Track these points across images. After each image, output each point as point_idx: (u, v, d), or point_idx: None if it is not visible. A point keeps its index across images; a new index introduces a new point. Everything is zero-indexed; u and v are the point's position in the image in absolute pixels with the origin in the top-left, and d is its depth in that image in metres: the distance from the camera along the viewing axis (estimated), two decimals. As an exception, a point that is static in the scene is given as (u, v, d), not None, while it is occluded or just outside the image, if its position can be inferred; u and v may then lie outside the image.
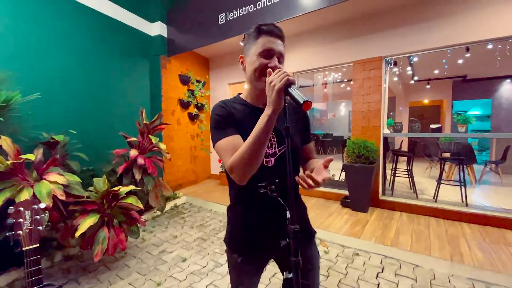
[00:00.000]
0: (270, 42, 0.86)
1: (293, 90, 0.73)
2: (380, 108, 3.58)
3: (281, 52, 0.88)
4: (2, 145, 1.71)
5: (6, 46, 2.44)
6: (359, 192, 3.43)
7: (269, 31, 0.86)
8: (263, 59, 0.86)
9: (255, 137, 0.78)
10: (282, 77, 0.75)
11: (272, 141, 0.95)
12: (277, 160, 0.95)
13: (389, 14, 3.41)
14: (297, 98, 0.70)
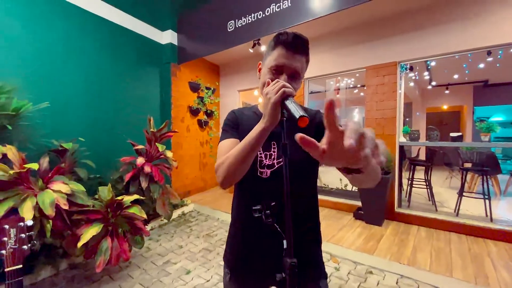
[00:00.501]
0: (284, 57, 0.77)
1: (290, 103, 0.66)
2: (395, 116, 3.41)
3: (297, 69, 0.78)
4: (7, 154, 1.72)
5: (18, 56, 2.50)
6: (373, 204, 3.25)
7: (287, 42, 0.77)
8: (272, 73, 0.79)
9: (243, 147, 0.74)
10: (278, 88, 0.68)
11: (272, 151, 0.88)
12: (274, 173, 0.87)
13: (404, 18, 3.27)
14: (292, 113, 0.62)
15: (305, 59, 0.81)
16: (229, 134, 0.89)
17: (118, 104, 3.45)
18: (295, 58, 0.77)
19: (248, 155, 0.74)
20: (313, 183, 0.97)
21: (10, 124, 2.07)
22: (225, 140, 0.87)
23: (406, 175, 4.72)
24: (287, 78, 0.77)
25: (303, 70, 0.82)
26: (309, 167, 0.95)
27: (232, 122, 0.93)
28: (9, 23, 2.43)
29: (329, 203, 4.01)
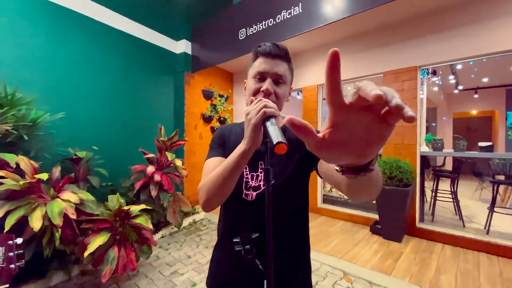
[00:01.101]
0: (265, 63, 0.76)
1: (270, 125, 0.59)
2: (415, 124, 3.20)
3: (278, 72, 0.76)
4: (20, 164, 1.78)
5: (38, 68, 2.63)
6: (392, 217, 3.04)
7: (265, 51, 0.77)
8: (257, 81, 0.77)
9: (223, 169, 0.69)
10: (258, 109, 0.62)
11: (259, 172, 0.83)
12: (260, 196, 0.81)
13: (425, 19, 3.08)
14: (271, 137, 0.56)
15: (287, 65, 0.80)
16: (214, 152, 0.86)
17: (132, 113, 3.53)
18: (276, 62, 0.77)
19: (228, 178, 0.69)
20: (304, 205, 0.90)
21: (27, 134, 2.16)
22: (210, 159, 0.84)
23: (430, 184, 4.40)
24: (271, 82, 0.76)
25: (287, 75, 0.80)
26: (299, 188, 0.88)
27: (219, 139, 0.90)
28: (31, 39, 2.57)
29: (344, 215, 3.82)
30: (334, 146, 0.32)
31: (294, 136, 0.88)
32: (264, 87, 0.74)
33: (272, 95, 0.75)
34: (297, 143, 0.88)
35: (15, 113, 2.11)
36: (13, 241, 0.89)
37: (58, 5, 2.75)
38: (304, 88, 4.30)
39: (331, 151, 0.33)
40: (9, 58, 2.39)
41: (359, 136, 0.30)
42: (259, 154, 0.83)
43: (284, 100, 0.81)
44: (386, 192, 3.00)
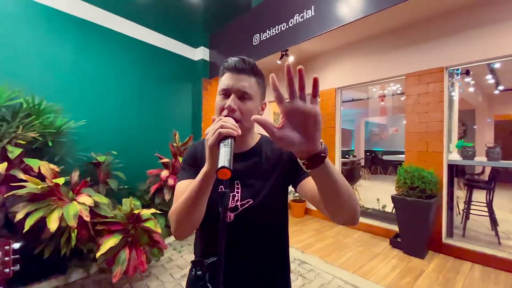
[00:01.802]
0: (229, 79, 0.74)
1: (223, 147, 0.57)
2: (442, 129, 2.93)
3: (243, 89, 0.73)
4: (41, 169, 1.94)
5: (63, 78, 2.84)
6: (413, 231, 2.81)
7: (230, 66, 0.76)
8: (221, 98, 0.75)
9: (188, 195, 0.67)
10: (215, 129, 0.60)
11: (236, 192, 0.79)
12: (238, 217, 0.78)
13: (451, 17, 2.82)
14: (218, 159, 0.54)
15: (254, 79, 0.77)
16: (184, 174, 0.83)
17: (150, 119, 3.69)
18: (240, 78, 0.75)
19: (195, 204, 0.67)
20: (282, 224, 0.87)
21: (52, 140, 2.35)
22: (181, 182, 0.81)
23: (463, 193, 4.00)
24: (235, 98, 0.73)
25: (254, 90, 0.76)
26: (277, 206, 0.84)
27: (190, 158, 0.86)
28: (58, 52, 2.80)
29: (363, 226, 3.62)
30: (289, 132, 0.48)
31: (273, 155, 0.85)
32: (227, 104, 0.72)
33: (236, 112, 0.72)
34: (276, 161, 0.84)
35: (42, 121, 2.31)
36: (9, 246, 0.96)
37: (82, 19, 2.98)
38: (321, 92, 4.17)
39: (287, 136, 0.48)
40: (37, 70, 2.63)
41: (300, 122, 0.47)
42: (234, 173, 0.80)
43: (252, 114, 0.76)
44: (406, 204, 2.79)
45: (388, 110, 9.14)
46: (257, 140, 0.88)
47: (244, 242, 0.79)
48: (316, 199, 0.68)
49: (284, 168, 0.83)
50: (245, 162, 0.82)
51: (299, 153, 0.52)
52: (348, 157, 8.18)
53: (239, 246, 0.79)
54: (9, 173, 1.90)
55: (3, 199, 1.85)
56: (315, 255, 2.87)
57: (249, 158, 0.83)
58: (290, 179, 0.83)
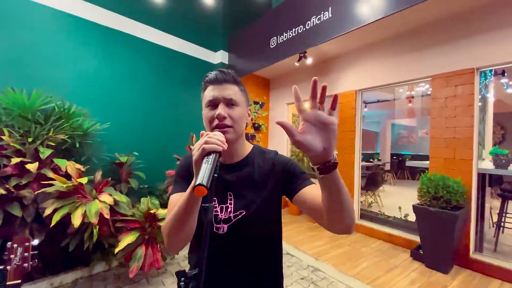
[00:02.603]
0: (214, 90, 0.77)
1: (204, 163, 0.58)
2: (471, 135, 2.71)
3: (228, 96, 0.76)
4: (68, 169, 2.10)
5: (90, 84, 3.06)
6: (437, 243, 2.63)
7: (212, 79, 0.78)
8: (210, 110, 0.77)
9: (178, 211, 0.67)
10: (200, 145, 0.62)
11: (228, 203, 0.80)
12: (231, 228, 0.79)
13: (483, 14, 2.60)
14: (197, 176, 0.55)
15: (237, 88, 0.79)
16: (178, 187, 0.82)
17: (169, 122, 3.84)
18: (224, 87, 0.77)
19: (184, 219, 0.67)
20: (276, 232, 0.87)
21: (80, 142, 2.54)
22: (173, 195, 0.81)
23: (497, 202, 3.67)
24: (224, 106, 0.75)
25: (239, 97, 0.78)
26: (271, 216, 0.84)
27: (183, 171, 0.85)
28: (86, 59, 3.03)
29: (382, 235, 3.46)
30: (308, 137, 0.52)
31: (266, 165, 0.85)
32: (217, 113, 0.74)
33: (227, 119, 0.74)
34: (269, 171, 0.84)
35: (71, 123, 2.50)
36: (29, 243, 1.05)
37: (106, 27, 3.19)
38: (341, 94, 4.06)
39: (306, 141, 0.52)
40: (67, 77, 2.87)
41: (319, 129, 0.53)
42: (227, 184, 0.81)
43: (242, 121, 0.79)
44: (429, 214, 2.62)
45: (416, 112, 8.63)
46: (249, 150, 0.88)
47: (237, 253, 0.80)
48: (315, 207, 0.70)
49: (277, 178, 0.83)
50: (237, 173, 0.83)
51: (315, 158, 0.55)
52: (372, 160, 7.85)
53: (232, 257, 0.80)
54: (40, 172, 2.08)
55: (35, 195, 2.03)
56: (329, 262, 2.79)
57: (242, 168, 0.84)
58: (286, 189, 0.83)
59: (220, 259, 0.79)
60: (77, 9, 2.96)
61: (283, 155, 0.91)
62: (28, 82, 2.56)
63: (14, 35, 2.58)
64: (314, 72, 4.52)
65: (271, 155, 0.88)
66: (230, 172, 0.82)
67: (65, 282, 2.47)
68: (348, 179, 3.90)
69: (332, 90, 4.22)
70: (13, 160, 1.93)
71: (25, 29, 2.64)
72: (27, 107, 2.30)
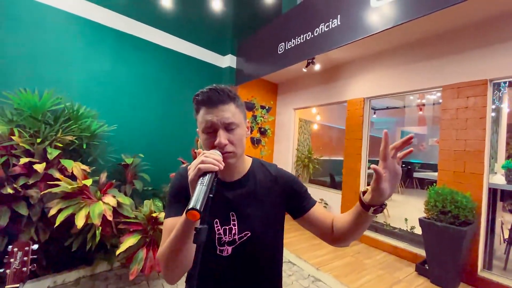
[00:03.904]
0: (209, 114, 0.71)
1: (199, 184, 0.56)
2: (483, 149, 2.63)
3: (227, 120, 0.71)
4: (73, 170, 2.14)
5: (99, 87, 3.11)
6: (443, 259, 2.55)
7: (205, 101, 0.72)
8: (208, 136, 0.73)
9: (175, 234, 0.63)
10: (196, 163, 0.60)
11: (232, 224, 0.78)
12: (236, 250, 0.77)
13: (497, 25, 2.53)
14: (191, 199, 0.53)
15: (233, 105, 0.74)
16: (171, 210, 0.76)
17: (176, 124, 3.87)
18: (220, 109, 0.71)
19: (181, 247, 0.63)
20: (279, 247, 0.86)
21: (87, 143, 2.59)
22: (167, 220, 0.75)
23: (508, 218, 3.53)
24: (224, 133, 0.71)
25: (237, 116, 0.74)
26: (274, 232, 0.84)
27: (176, 190, 0.80)
28: (96, 62, 3.09)
29: (387, 247, 3.38)
30: (386, 184, 0.60)
31: (267, 179, 0.84)
32: (217, 142, 0.69)
33: (228, 145, 0.71)
34: (271, 186, 0.84)
35: (80, 125, 2.55)
36: (29, 247, 1.07)
37: (118, 31, 3.25)
38: (348, 101, 4.01)
39: (386, 187, 0.60)
40: (78, 78, 2.93)
41: (392, 177, 0.61)
42: (228, 202, 0.79)
43: (243, 141, 0.77)
44: (436, 229, 2.54)
45: (427, 120, 8.45)
46: (249, 164, 0.86)
47: (241, 273, 0.78)
48: (324, 225, 0.81)
49: (280, 194, 0.83)
50: (239, 190, 0.81)
51: (379, 200, 0.62)
52: (380, 168, 7.72)
53: (236, 277, 0.78)
54: (47, 172, 2.13)
55: (41, 195, 2.07)
56: (331, 273, 2.74)
57: (244, 185, 0.82)
58: (290, 207, 0.85)
59: (224, 280, 0.78)
60: (90, 13, 3.04)
61: (282, 169, 0.91)
62: (40, 82, 2.63)
63: (28, 37, 2.66)
64: (322, 78, 4.48)
65: (272, 169, 0.88)
66: (231, 190, 0.80)
67: (68, 281, 2.51)
68: (353, 187, 3.84)
69: (340, 97, 4.18)
70: (21, 160, 1.98)
71: (39, 31, 2.71)
72: (38, 108, 2.36)
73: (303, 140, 5.98)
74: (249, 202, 0.80)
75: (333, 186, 5.19)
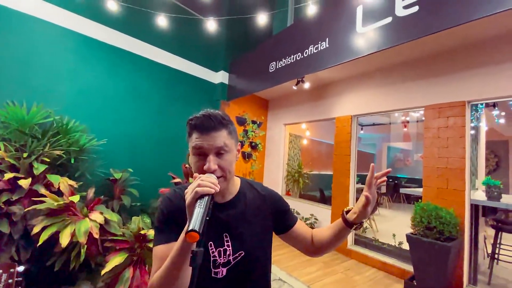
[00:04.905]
0: (200, 139, 0.74)
1: (198, 207, 0.59)
2: (463, 167, 2.75)
3: (218, 146, 0.74)
4: (60, 186, 2.09)
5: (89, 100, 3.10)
6: (430, 275, 2.59)
7: (198, 126, 0.75)
8: (198, 159, 0.75)
9: (172, 260, 0.64)
10: (193, 187, 0.62)
11: (226, 246, 0.79)
12: (230, 271, 0.78)
13: (475, 50, 2.74)
14: (190, 221, 0.56)
15: (225, 132, 0.77)
16: (162, 237, 0.75)
17: (167, 139, 3.86)
18: (212, 136, 0.74)
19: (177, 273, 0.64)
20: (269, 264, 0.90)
21: (75, 157, 2.54)
22: (158, 247, 0.73)
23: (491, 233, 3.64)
24: (213, 158, 0.73)
25: (228, 142, 0.76)
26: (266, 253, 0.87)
27: (167, 216, 0.78)
28: (88, 76, 3.10)
29: (376, 263, 3.40)
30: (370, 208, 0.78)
31: (255, 198, 0.88)
32: (206, 167, 0.72)
33: (217, 170, 0.73)
34: (260, 205, 0.88)
35: (68, 139, 2.51)
36: (14, 269, 1.04)
37: (109, 45, 3.29)
38: (337, 118, 4.14)
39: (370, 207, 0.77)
40: (69, 92, 2.92)
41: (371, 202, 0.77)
42: (222, 224, 0.80)
43: (233, 165, 0.79)
44: (422, 244, 2.60)
45: (411, 136, 8.76)
46: (238, 185, 0.90)
47: None
48: (305, 240, 0.92)
49: (269, 213, 0.88)
50: (231, 210, 0.83)
51: (361, 218, 0.80)
52: (368, 183, 7.87)
53: None
54: (32, 188, 2.07)
55: (24, 212, 2.00)
56: (321, 291, 2.73)
57: (234, 206, 0.84)
58: (277, 224, 0.90)
59: None
60: (82, 27, 3.07)
61: (268, 187, 0.96)
62: (29, 95, 2.60)
63: (18, 50, 2.65)
64: (311, 96, 4.63)
65: (259, 188, 0.93)
66: (223, 211, 0.82)
67: (48, 303, 2.38)
68: (343, 202, 3.89)
69: (328, 114, 4.31)
70: (6, 175, 1.92)
71: (29, 44, 2.71)
72: (26, 121, 2.32)
73: (293, 154, 6.05)
74: (240, 221, 0.82)
75: (322, 201, 5.23)
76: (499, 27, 2.48)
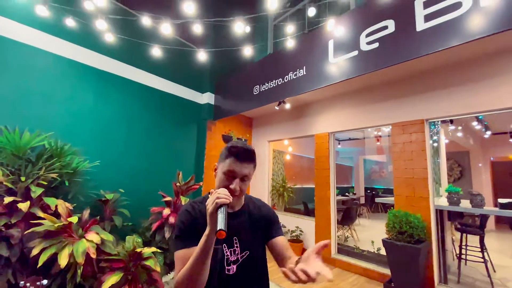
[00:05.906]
0: (235, 165, 0.93)
1: (220, 213, 0.79)
2: (426, 176, 3.14)
3: (246, 174, 0.95)
4: (58, 208, 2.17)
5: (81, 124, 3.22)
6: (404, 276, 2.87)
7: (236, 154, 0.94)
8: (226, 179, 0.95)
9: (196, 257, 0.81)
10: (213, 200, 0.81)
11: (235, 247, 0.99)
12: (239, 267, 0.97)
13: (431, 75, 3.22)
14: (217, 223, 0.76)
15: (252, 165, 0.99)
16: (183, 243, 0.90)
17: (157, 159, 3.99)
18: (244, 166, 0.94)
19: (202, 265, 0.80)
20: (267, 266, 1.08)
21: (68, 180, 2.62)
22: (179, 252, 0.89)
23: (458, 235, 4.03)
24: (239, 181, 0.93)
25: (251, 172, 0.98)
26: (263, 256, 1.06)
27: (187, 226, 0.93)
28: (80, 101, 3.23)
29: (358, 269, 3.64)
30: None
31: (255, 210, 1.10)
32: (232, 187, 0.91)
33: (237, 191, 0.94)
34: (258, 216, 1.09)
35: (61, 162, 2.60)
36: (40, 282, 1.16)
37: (102, 71, 3.46)
38: (316, 135, 4.49)
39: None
40: (61, 116, 3.03)
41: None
42: (232, 230, 0.96)
43: (246, 188, 1.01)
44: (396, 248, 2.89)
45: (384, 150, 9.40)
46: (243, 199, 1.11)
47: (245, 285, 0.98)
48: (281, 257, 0.99)
49: (264, 223, 1.09)
50: (239, 219, 1.04)
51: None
52: (348, 194, 8.25)
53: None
54: (29, 211, 2.13)
55: (22, 235, 2.05)
56: (309, 298, 2.89)
57: (241, 215, 1.05)
58: (266, 232, 1.08)
59: None
60: (74, 54, 3.22)
61: (261, 200, 1.19)
62: (22, 121, 2.68)
63: (12, 76, 2.75)
64: (292, 115, 4.99)
65: (257, 201, 1.16)
66: (233, 219, 1.01)
67: (37, 330, 2.34)
68: (325, 214, 4.15)
69: (308, 131, 4.66)
70: (5, 199, 1.98)
71: (23, 71, 2.82)
72: (21, 146, 2.40)
73: (277, 169, 6.31)
74: (245, 228, 1.03)
75: (307, 213, 5.47)
76: (446, 57, 2.96)
